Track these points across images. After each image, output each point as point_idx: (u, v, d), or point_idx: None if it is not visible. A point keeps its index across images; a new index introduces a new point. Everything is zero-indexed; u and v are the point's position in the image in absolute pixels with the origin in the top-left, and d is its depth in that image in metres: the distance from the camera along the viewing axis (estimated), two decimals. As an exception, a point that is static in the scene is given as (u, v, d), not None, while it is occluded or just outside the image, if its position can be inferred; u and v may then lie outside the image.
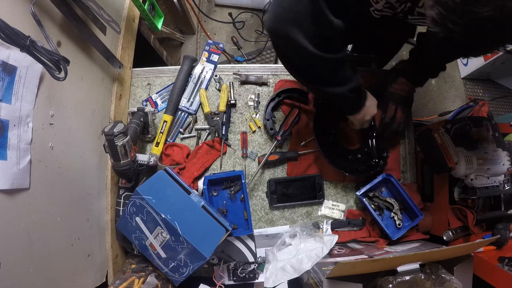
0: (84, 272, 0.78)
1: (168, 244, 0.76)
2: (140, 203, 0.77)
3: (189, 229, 0.75)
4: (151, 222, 0.77)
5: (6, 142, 0.55)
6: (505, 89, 1.97)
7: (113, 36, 0.89)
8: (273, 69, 1.03)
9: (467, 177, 0.85)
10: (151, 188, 0.78)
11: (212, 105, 0.99)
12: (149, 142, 0.98)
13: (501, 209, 0.93)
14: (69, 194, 0.73)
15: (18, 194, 0.57)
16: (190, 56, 0.99)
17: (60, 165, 0.69)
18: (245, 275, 0.92)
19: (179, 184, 0.81)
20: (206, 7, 1.93)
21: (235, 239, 0.92)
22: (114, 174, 0.87)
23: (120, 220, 0.82)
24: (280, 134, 0.95)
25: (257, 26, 1.90)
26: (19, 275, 0.57)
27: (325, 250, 0.78)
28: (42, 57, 0.55)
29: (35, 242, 0.61)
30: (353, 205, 0.99)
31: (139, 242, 0.80)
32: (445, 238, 0.90)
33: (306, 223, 0.95)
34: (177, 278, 0.78)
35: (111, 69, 0.89)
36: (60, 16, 0.68)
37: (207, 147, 0.97)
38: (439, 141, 0.86)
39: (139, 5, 0.92)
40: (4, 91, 0.54)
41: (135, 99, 1.00)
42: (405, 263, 0.67)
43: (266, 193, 0.97)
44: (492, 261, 0.82)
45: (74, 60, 0.72)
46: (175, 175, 0.83)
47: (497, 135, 0.89)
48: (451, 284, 0.66)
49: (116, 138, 0.71)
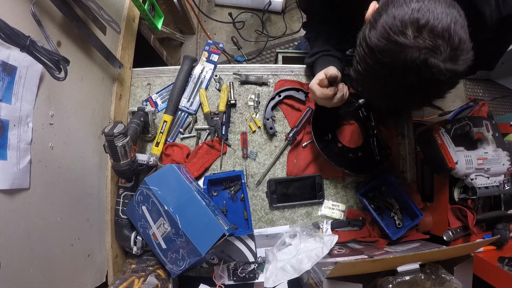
0: (84, 272, 0.78)
1: (168, 236, 0.78)
2: (147, 193, 0.79)
3: (189, 224, 0.76)
4: (155, 213, 0.79)
5: (6, 142, 0.55)
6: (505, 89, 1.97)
7: (113, 36, 0.89)
8: (273, 69, 1.03)
9: (467, 177, 0.85)
10: (158, 180, 0.80)
11: (212, 105, 0.99)
12: (149, 142, 0.98)
13: (501, 209, 0.93)
14: (69, 194, 0.73)
15: (18, 194, 0.57)
16: (190, 56, 0.99)
17: (60, 165, 0.69)
18: (245, 275, 0.92)
19: (187, 179, 0.82)
20: (206, 7, 1.93)
21: (235, 239, 0.92)
22: (114, 174, 0.87)
23: (129, 207, 0.84)
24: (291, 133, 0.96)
25: (257, 26, 1.90)
26: (19, 275, 0.57)
27: (325, 250, 0.78)
28: (42, 57, 0.55)
29: (35, 242, 0.61)
30: (353, 205, 0.99)
31: (143, 230, 0.82)
32: (445, 238, 0.90)
33: (306, 223, 0.95)
34: (175, 270, 0.79)
35: (111, 69, 0.89)
36: (60, 16, 0.68)
37: (207, 147, 0.97)
38: (439, 141, 0.86)
39: (139, 5, 0.92)
40: (4, 91, 0.54)
41: (135, 99, 1.00)
42: (405, 263, 0.67)
43: (266, 193, 0.97)
44: (492, 261, 0.82)
45: (74, 60, 0.72)
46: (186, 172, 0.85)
47: (497, 135, 0.89)
48: (451, 284, 0.66)
49: (116, 138, 0.71)
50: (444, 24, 0.47)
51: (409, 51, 0.48)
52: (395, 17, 0.49)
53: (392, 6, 0.51)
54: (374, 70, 0.54)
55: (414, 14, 0.48)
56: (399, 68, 0.50)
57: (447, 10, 0.48)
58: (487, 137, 0.88)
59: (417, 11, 0.48)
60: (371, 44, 0.51)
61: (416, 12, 0.48)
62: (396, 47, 0.49)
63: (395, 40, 0.48)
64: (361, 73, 0.56)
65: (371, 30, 0.52)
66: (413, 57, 0.48)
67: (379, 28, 0.50)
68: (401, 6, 0.49)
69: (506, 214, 0.92)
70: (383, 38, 0.50)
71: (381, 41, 0.50)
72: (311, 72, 0.94)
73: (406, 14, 0.48)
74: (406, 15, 0.48)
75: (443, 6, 0.49)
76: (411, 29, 0.48)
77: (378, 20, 0.51)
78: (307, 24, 0.99)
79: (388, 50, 0.50)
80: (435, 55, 0.47)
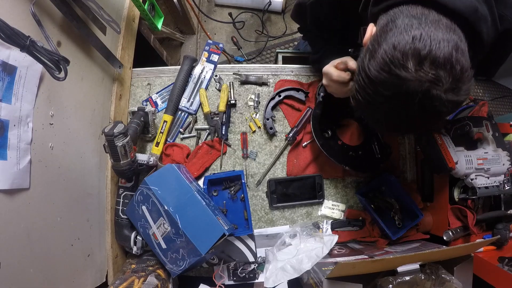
0: (84, 272, 0.78)
1: (168, 235, 0.78)
2: (147, 193, 0.79)
3: (189, 224, 0.76)
4: (155, 213, 0.79)
5: (6, 142, 0.55)
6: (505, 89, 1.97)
7: (113, 36, 0.89)
8: (273, 69, 1.03)
9: (467, 177, 0.85)
10: (158, 180, 0.80)
11: (212, 105, 0.99)
12: (149, 141, 0.98)
13: (501, 209, 0.93)
14: (69, 194, 0.73)
15: (18, 194, 0.57)
16: (190, 56, 0.99)
17: (60, 165, 0.69)
18: (245, 275, 0.92)
19: (187, 179, 0.82)
20: (206, 7, 1.93)
21: (235, 239, 0.92)
22: (114, 174, 0.87)
23: (129, 207, 0.84)
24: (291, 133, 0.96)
25: (257, 26, 1.90)
26: (19, 275, 0.57)
27: (325, 250, 0.78)
28: (42, 57, 0.55)
29: (35, 242, 0.61)
30: (353, 205, 0.99)
31: (143, 230, 0.82)
32: (445, 238, 0.90)
33: (306, 223, 0.95)
34: (175, 270, 0.79)
35: (111, 69, 0.89)
36: (60, 16, 0.68)
37: (207, 147, 0.97)
38: (439, 141, 0.86)
39: (139, 5, 0.92)
40: (4, 91, 0.54)
41: (135, 99, 1.00)
42: (405, 263, 0.67)
43: (266, 193, 0.97)
44: (492, 261, 0.82)
45: (74, 60, 0.72)
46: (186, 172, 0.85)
47: (497, 135, 0.89)
48: (451, 284, 0.66)
49: (116, 138, 0.71)
50: (446, 53, 0.46)
51: (410, 84, 0.47)
52: (395, 47, 0.47)
53: (392, 34, 0.49)
54: (374, 100, 0.53)
55: (416, 44, 0.46)
56: (400, 100, 0.49)
57: (447, 35, 0.47)
58: (487, 137, 0.88)
59: (418, 40, 0.46)
60: (371, 76, 0.50)
61: (417, 41, 0.46)
62: (397, 80, 0.47)
63: (397, 74, 0.47)
64: (361, 101, 0.55)
65: (371, 60, 0.50)
66: (414, 89, 0.47)
67: (379, 59, 0.49)
68: (401, 34, 0.48)
69: (506, 214, 0.92)
70: (384, 71, 0.48)
71: (381, 73, 0.49)
72: (318, 69, 0.92)
73: (407, 44, 0.47)
74: (407, 45, 0.47)
75: (444, 31, 0.48)
76: (412, 61, 0.46)
77: (377, 50, 0.50)
78: (302, 30, 0.98)
79: (389, 83, 0.48)
80: (437, 87, 0.46)
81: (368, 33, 0.58)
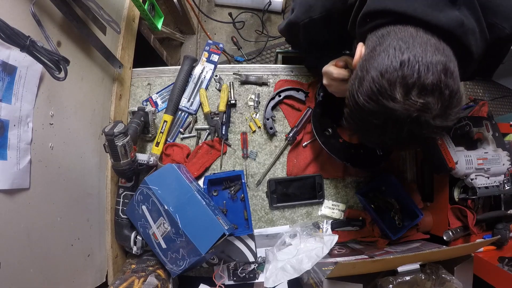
0: (84, 272, 0.78)
1: (168, 235, 0.78)
2: (147, 192, 0.79)
3: (189, 224, 0.76)
4: (155, 212, 0.79)
5: (6, 142, 0.55)
6: (505, 89, 1.97)
7: (113, 36, 0.89)
8: (273, 69, 1.03)
9: (467, 177, 0.85)
10: (158, 179, 0.80)
11: (212, 105, 0.99)
12: (149, 141, 0.98)
13: (501, 209, 0.93)
14: (69, 194, 0.73)
15: (18, 194, 0.57)
16: (190, 56, 0.99)
17: (60, 165, 0.69)
18: (245, 275, 0.92)
19: (187, 179, 0.82)
20: (206, 7, 1.93)
21: (235, 239, 0.92)
22: (114, 174, 0.87)
23: (129, 206, 0.83)
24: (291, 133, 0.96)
25: (257, 26, 1.90)
26: (19, 275, 0.57)
27: (325, 250, 0.78)
28: (42, 57, 0.55)
29: (35, 242, 0.61)
30: (353, 205, 0.99)
31: (143, 230, 0.82)
32: (445, 238, 0.90)
33: (306, 223, 0.95)
34: (175, 270, 0.79)
35: (111, 69, 0.89)
36: (60, 16, 0.68)
37: (207, 147, 0.97)
38: (439, 141, 0.86)
39: (139, 5, 0.92)
40: (4, 91, 0.54)
41: (135, 99, 1.00)
42: (405, 263, 0.67)
43: (266, 193, 0.97)
44: (492, 261, 0.82)
45: (74, 60, 0.72)
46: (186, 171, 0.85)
47: (497, 135, 0.89)
48: (451, 284, 0.66)
49: (116, 138, 0.71)
50: (435, 79, 0.45)
51: (399, 113, 0.47)
52: (383, 75, 0.47)
53: (380, 59, 0.49)
54: (364, 124, 0.54)
55: (404, 71, 0.46)
56: (389, 126, 0.50)
57: (436, 58, 0.46)
58: (487, 137, 0.88)
59: (406, 66, 0.46)
60: (359, 104, 0.50)
61: (405, 67, 0.46)
62: (385, 110, 0.48)
63: (384, 105, 0.47)
64: (351, 123, 0.56)
65: (359, 87, 0.50)
66: (403, 118, 0.47)
67: (367, 87, 0.49)
68: (389, 59, 0.47)
69: (506, 214, 0.92)
70: (372, 100, 0.48)
71: (369, 103, 0.49)
72: (316, 73, 0.92)
73: (394, 71, 0.46)
74: (394, 73, 0.46)
75: (432, 53, 0.47)
76: (400, 91, 0.46)
77: (365, 77, 0.49)
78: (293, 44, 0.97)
79: (377, 112, 0.49)
80: (426, 114, 0.47)
81: (357, 54, 0.58)
